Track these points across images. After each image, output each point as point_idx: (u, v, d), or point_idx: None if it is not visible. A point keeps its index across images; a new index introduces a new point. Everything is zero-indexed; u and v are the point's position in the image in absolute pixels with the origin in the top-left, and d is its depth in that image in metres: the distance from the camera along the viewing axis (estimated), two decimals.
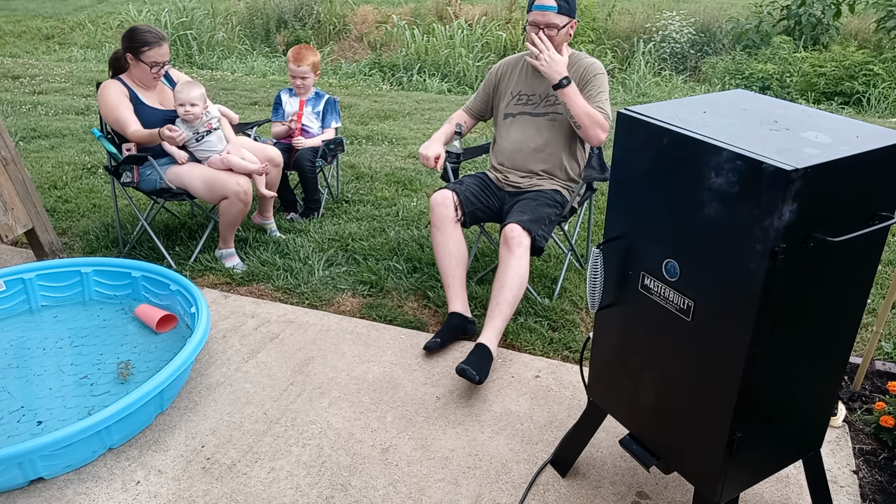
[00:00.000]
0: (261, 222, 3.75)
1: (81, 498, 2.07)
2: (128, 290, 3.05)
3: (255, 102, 6.62)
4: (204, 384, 2.57)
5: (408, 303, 3.12)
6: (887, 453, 2.23)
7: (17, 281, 2.97)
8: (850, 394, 2.50)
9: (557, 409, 2.46)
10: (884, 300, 2.63)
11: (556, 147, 3.00)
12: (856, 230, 1.46)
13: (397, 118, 6.24)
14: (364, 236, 3.68)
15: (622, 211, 1.74)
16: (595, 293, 1.83)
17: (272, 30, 10.11)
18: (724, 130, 1.52)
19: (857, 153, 1.41)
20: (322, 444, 2.29)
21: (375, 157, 5.04)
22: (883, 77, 7.27)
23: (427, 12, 10.01)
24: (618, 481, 2.14)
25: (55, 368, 2.60)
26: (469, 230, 3.60)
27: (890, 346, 2.77)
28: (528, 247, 2.69)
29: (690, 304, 1.58)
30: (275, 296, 3.18)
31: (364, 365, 2.70)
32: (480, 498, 2.08)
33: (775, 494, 2.09)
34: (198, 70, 8.47)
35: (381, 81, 8.11)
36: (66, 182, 4.46)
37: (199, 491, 2.10)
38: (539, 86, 3.01)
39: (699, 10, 9.70)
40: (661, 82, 8.06)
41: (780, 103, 1.75)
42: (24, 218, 3.30)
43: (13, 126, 5.62)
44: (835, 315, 1.63)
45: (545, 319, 2.95)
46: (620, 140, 1.70)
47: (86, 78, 7.57)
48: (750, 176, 1.38)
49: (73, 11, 11.66)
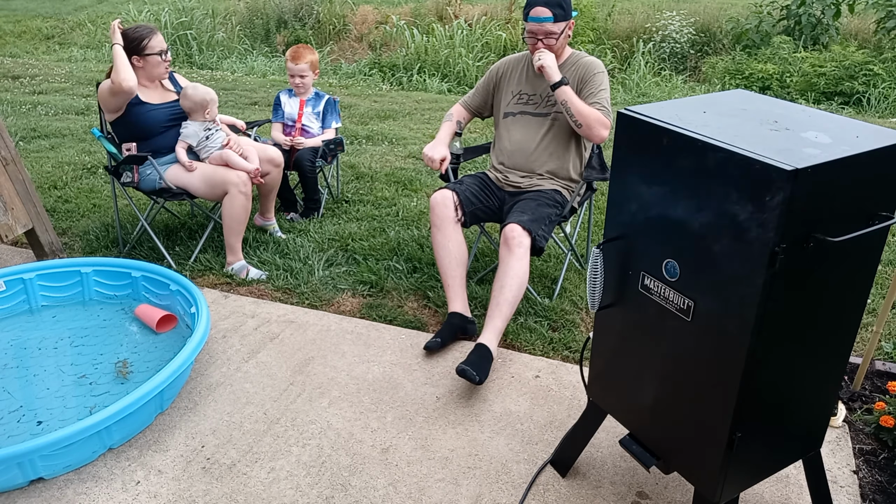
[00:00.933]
0: (262, 223, 3.75)
1: (81, 498, 2.07)
2: (128, 290, 3.05)
3: (255, 102, 6.62)
4: (204, 384, 2.57)
5: (408, 303, 3.12)
6: (887, 453, 2.23)
7: (17, 281, 2.97)
8: (850, 394, 2.50)
9: (557, 409, 2.46)
10: (884, 300, 2.63)
11: (556, 147, 3.00)
12: (856, 230, 1.46)
13: (397, 118, 6.24)
14: (364, 236, 3.68)
15: (622, 211, 1.74)
16: (595, 293, 1.83)
17: (272, 30, 10.11)
18: (724, 130, 1.52)
19: (857, 153, 1.41)
20: (322, 444, 2.29)
21: (375, 157, 5.04)
22: (883, 77, 7.27)
23: (427, 12, 10.01)
24: (618, 481, 2.14)
25: (55, 368, 2.60)
26: (469, 230, 3.60)
27: (890, 346, 2.77)
28: (528, 247, 2.69)
29: (690, 304, 1.58)
30: (275, 296, 3.18)
31: (364, 365, 2.70)
32: (480, 498, 2.08)
33: (775, 494, 2.09)
34: (198, 70, 8.47)
35: (380, 81, 8.11)
36: (66, 182, 4.46)
37: (199, 491, 2.10)
38: (540, 86, 3.01)
39: (699, 10, 9.70)
40: (661, 82, 8.06)
41: (780, 103, 1.75)
42: (24, 218, 3.30)
43: (13, 126, 5.62)
44: (835, 315, 1.63)
45: (545, 319, 2.95)
46: (620, 140, 1.70)
47: (86, 78, 7.57)
48: (750, 176, 1.38)
49: (73, 11, 11.66)
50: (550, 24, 2.83)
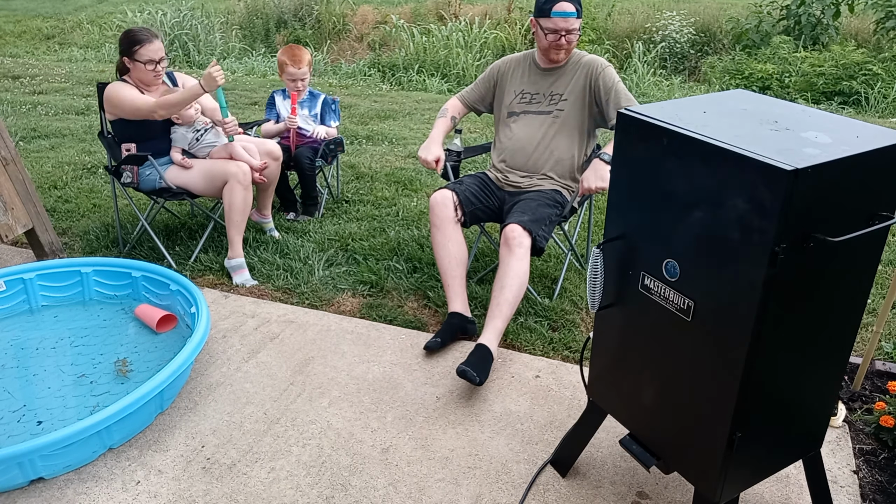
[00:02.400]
0: (258, 220, 3.74)
1: (81, 498, 2.07)
2: (128, 290, 3.05)
3: (255, 102, 6.62)
4: (204, 384, 2.57)
5: (408, 303, 3.12)
6: (887, 453, 2.23)
7: (17, 281, 2.97)
8: (850, 394, 2.50)
9: (557, 409, 2.46)
10: (884, 300, 2.63)
11: (558, 145, 3.00)
12: (856, 230, 1.46)
13: (397, 118, 6.24)
14: (364, 236, 3.68)
15: (622, 211, 1.74)
16: (595, 293, 1.83)
17: (272, 30, 10.11)
18: (724, 130, 1.52)
19: (857, 153, 1.41)
20: (322, 444, 2.29)
21: (375, 157, 5.04)
22: (882, 77, 7.27)
23: (427, 12, 10.01)
24: (618, 481, 2.14)
25: (55, 368, 2.60)
26: (469, 230, 3.60)
27: (890, 346, 2.78)
28: (528, 247, 2.69)
29: (690, 304, 1.58)
30: (275, 296, 3.18)
31: (364, 365, 2.70)
32: (480, 498, 2.08)
33: (775, 494, 2.09)
34: (197, 70, 8.47)
35: (380, 81, 8.11)
36: (66, 182, 4.46)
37: (199, 491, 2.10)
38: (543, 84, 3.01)
39: (699, 10, 9.70)
40: (661, 82, 8.06)
41: (780, 103, 1.75)
42: (24, 218, 3.30)
43: (13, 126, 5.61)
44: (835, 315, 1.63)
45: (545, 319, 2.95)
46: (620, 140, 1.70)
47: (86, 78, 7.57)
48: (750, 176, 1.38)
49: (73, 11, 11.65)
50: (574, 20, 2.80)
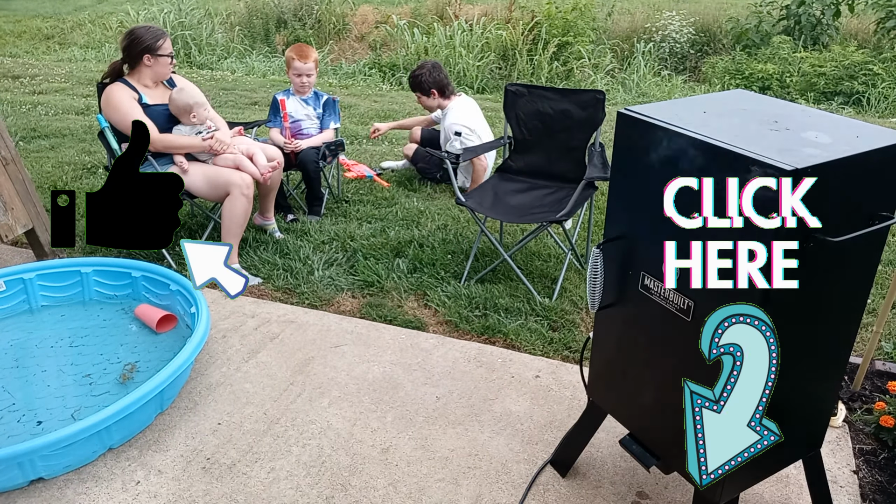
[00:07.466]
0: (262, 223, 3.75)
1: (81, 498, 2.07)
2: (128, 290, 3.05)
3: (255, 102, 6.62)
4: (204, 384, 2.57)
5: (408, 303, 3.12)
6: (887, 453, 2.23)
7: (17, 281, 2.96)
8: (850, 394, 2.50)
9: (557, 409, 2.46)
10: (884, 300, 2.63)
11: None
12: (856, 230, 1.46)
13: (397, 118, 6.22)
14: (364, 236, 3.68)
15: (622, 211, 1.74)
16: (595, 293, 1.82)
17: (272, 30, 10.10)
18: (724, 130, 1.52)
19: (857, 153, 1.41)
20: (322, 444, 2.29)
21: (376, 157, 5.04)
22: (883, 77, 7.27)
23: (427, 12, 10.00)
24: (618, 481, 2.14)
25: (55, 368, 2.60)
26: (469, 230, 3.60)
27: (890, 346, 2.77)
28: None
29: (690, 304, 1.58)
30: (275, 296, 3.18)
31: (364, 365, 2.70)
32: (480, 498, 2.08)
33: (775, 494, 2.09)
34: (197, 70, 8.47)
35: (381, 81, 8.11)
36: (66, 182, 4.45)
37: (199, 491, 2.10)
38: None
39: (699, 10, 9.70)
40: (661, 82, 8.06)
41: (780, 103, 1.75)
42: (24, 218, 3.30)
43: (13, 126, 5.61)
44: (835, 315, 1.63)
45: (545, 319, 2.95)
46: (620, 140, 1.70)
47: (86, 78, 7.57)
48: (750, 176, 1.38)
49: (73, 11, 11.65)
50: None
